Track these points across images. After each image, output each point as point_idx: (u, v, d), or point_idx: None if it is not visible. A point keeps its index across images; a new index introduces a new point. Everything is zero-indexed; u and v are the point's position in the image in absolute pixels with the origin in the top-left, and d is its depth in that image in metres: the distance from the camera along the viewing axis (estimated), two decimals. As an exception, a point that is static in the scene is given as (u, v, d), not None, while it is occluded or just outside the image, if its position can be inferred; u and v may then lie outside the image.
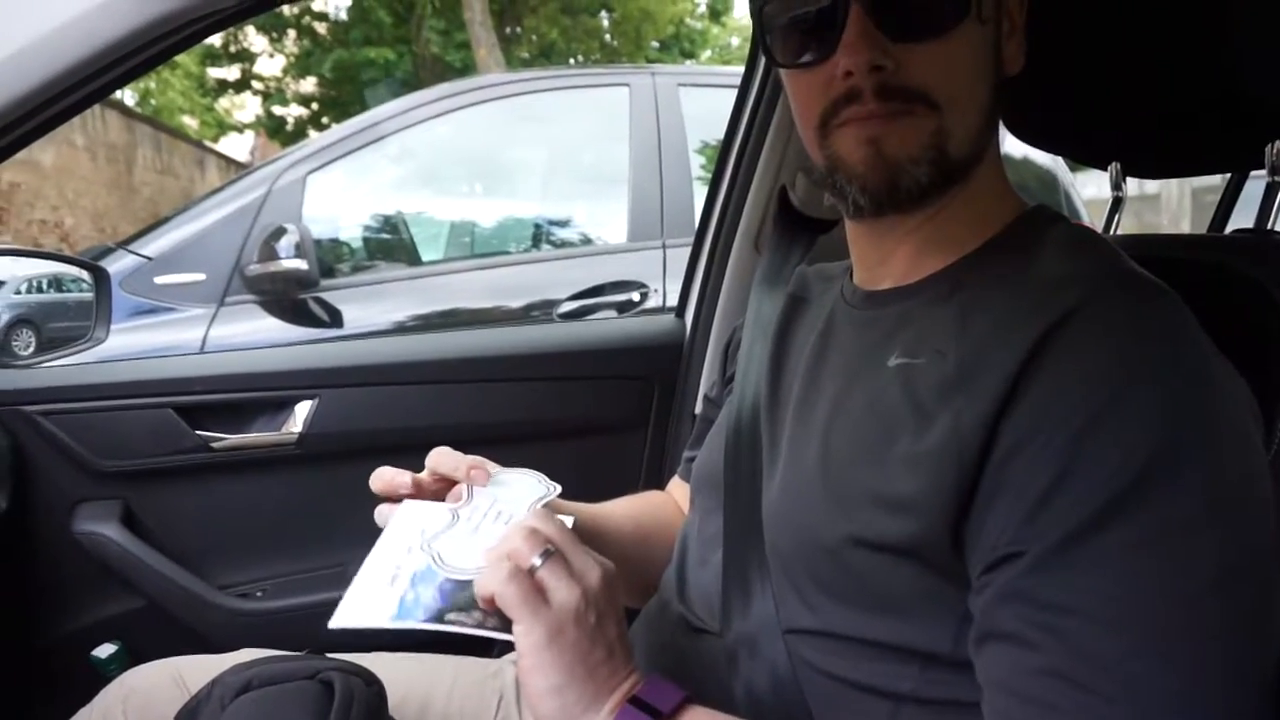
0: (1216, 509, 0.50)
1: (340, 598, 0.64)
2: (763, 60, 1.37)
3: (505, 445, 1.06)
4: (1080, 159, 0.89)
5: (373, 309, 2.70)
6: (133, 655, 1.23)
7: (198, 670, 0.91)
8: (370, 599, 0.62)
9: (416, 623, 0.60)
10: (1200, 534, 0.49)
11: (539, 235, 3.22)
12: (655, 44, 12.45)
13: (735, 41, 12.98)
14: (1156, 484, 0.49)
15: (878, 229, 0.70)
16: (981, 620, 0.54)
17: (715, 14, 13.41)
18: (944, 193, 0.65)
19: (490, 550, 0.60)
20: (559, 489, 0.72)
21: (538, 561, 0.57)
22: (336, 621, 0.60)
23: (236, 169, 12.73)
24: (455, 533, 0.67)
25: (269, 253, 2.48)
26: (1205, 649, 0.48)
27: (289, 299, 2.55)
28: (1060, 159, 3.03)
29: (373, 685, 0.88)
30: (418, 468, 0.77)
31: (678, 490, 1.01)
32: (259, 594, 1.39)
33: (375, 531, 1.59)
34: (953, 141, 0.62)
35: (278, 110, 12.86)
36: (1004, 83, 0.67)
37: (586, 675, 0.56)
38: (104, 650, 1.25)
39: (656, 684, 0.59)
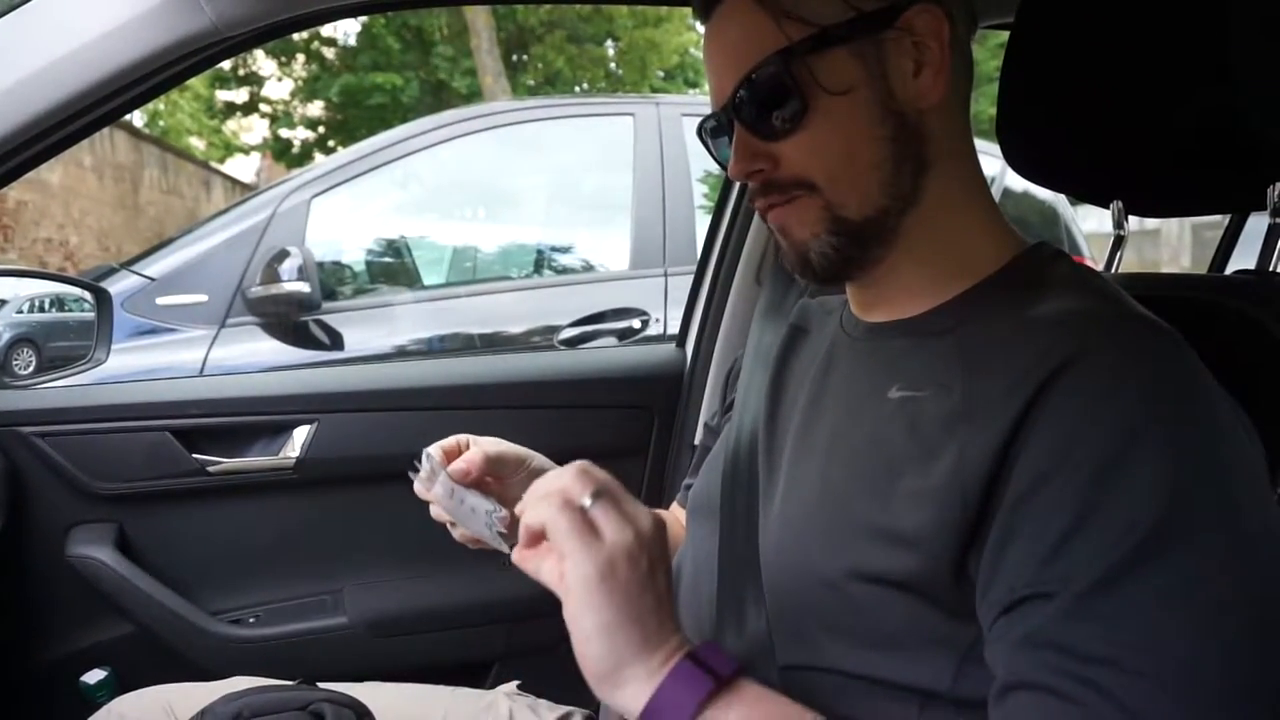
0: (1242, 552, 0.49)
1: (332, 626, 0.63)
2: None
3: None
4: (1082, 197, 0.90)
5: (374, 332, 2.71)
6: (122, 682, 1.21)
7: (187, 699, 0.90)
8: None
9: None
10: (1227, 579, 0.49)
11: (541, 261, 3.24)
12: (660, 74, 12.57)
13: (739, 72, 13.01)
14: (1182, 528, 0.49)
15: (851, 282, 0.72)
16: (1007, 669, 0.52)
17: (719, 45, 13.51)
18: (873, 250, 0.66)
19: (536, 486, 0.58)
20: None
21: (588, 501, 0.54)
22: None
23: (242, 190, 12.82)
24: None
25: (272, 275, 2.49)
26: (1245, 694, 0.47)
27: (291, 321, 2.56)
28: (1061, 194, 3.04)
29: (364, 717, 0.87)
30: (414, 495, 0.77)
31: (678, 514, 1.01)
32: (251, 620, 1.38)
33: (371, 559, 1.57)
34: (847, 209, 0.65)
35: (284, 133, 12.95)
36: (919, 118, 0.65)
37: (638, 619, 0.53)
38: (93, 676, 1.24)
39: (713, 648, 0.56)
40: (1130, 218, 0.87)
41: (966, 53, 0.68)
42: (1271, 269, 0.80)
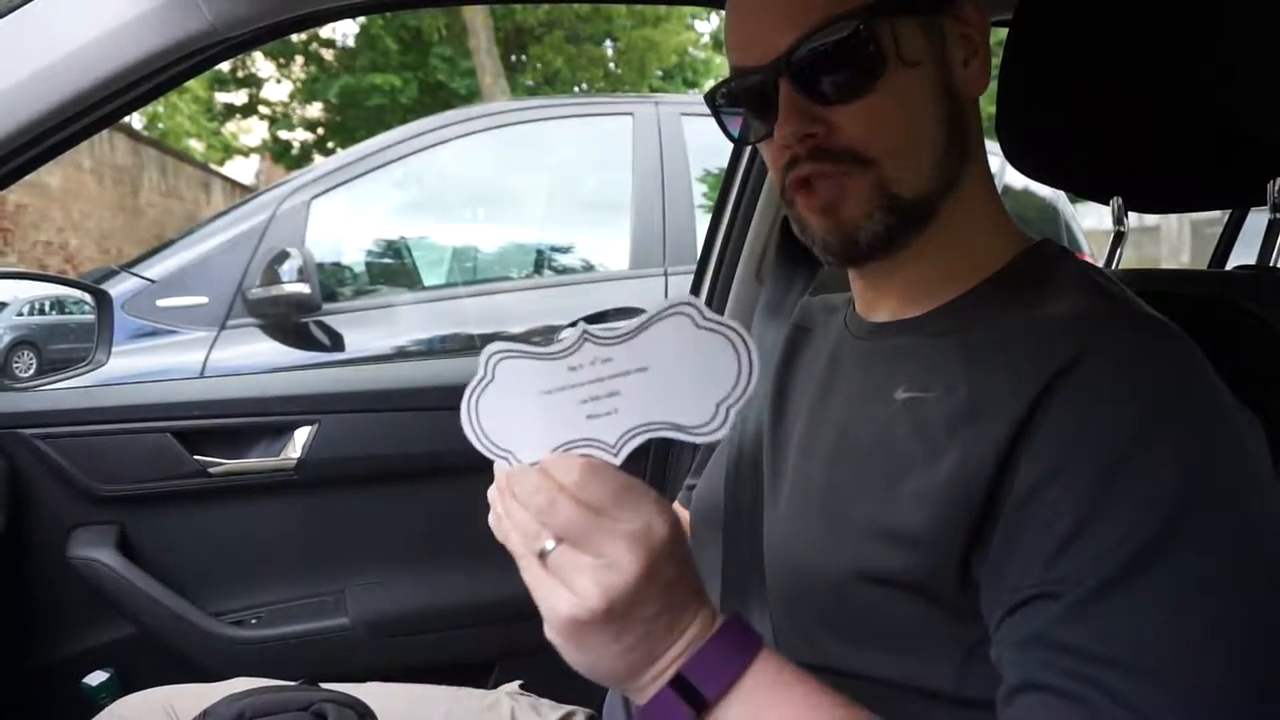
0: (1248, 551, 0.49)
1: (334, 627, 0.58)
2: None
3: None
4: (1082, 194, 0.90)
5: (375, 333, 2.71)
6: (124, 683, 1.21)
7: (189, 700, 0.90)
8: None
9: None
10: (1234, 578, 0.49)
11: (541, 261, 3.24)
12: (659, 73, 12.56)
13: (738, 71, 12.99)
14: (1188, 527, 0.49)
15: (868, 269, 0.70)
16: (1013, 670, 0.52)
17: (719, 44, 13.57)
18: (913, 233, 0.66)
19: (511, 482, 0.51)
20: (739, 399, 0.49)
21: (550, 545, 0.48)
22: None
23: (241, 192, 12.81)
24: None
25: (272, 276, 2.49)
26: (1251, 694, 0.47)
27: (291, 323, 2.56)
28: (1061, 191, 3.04)
29: (366, 717, 0.87)
30: (415, 495, 0.76)
31: (680, 513, 1.00)
32: (253, 621, 1.38)
33: (372, 560, 1.56)
34: (902, 186, 0.63)
35: (283, 135, 12.95)
36: (965, 106, 0.66)
37: (621, 655, 0.49)
38: (95, 678, 1.24)
39: (712, 653, 0.51)
40: (1130, 214, 0.87)
41: None
42: (1272, 264, 0.80)
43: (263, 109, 12.84)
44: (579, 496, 0.48)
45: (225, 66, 11.02)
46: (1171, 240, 11.37)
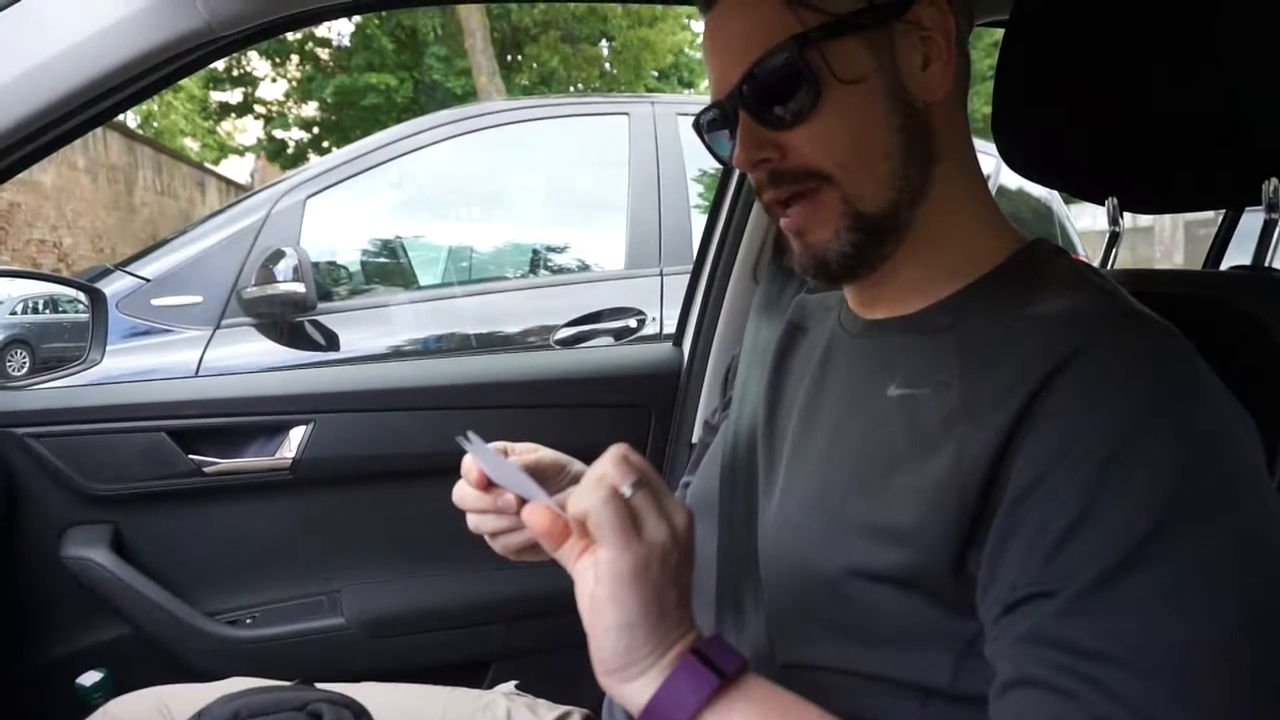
0: (1241, 548, 0.49)
1: (329, 627, 0.61)
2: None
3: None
4: (1077, 194, 0.90)
5: (370, 332, 2.71)
6: (118, 683, 1.21)
7: (184, 700, 0.90)
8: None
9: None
10: (1227, 574, 0.49)
11: (537, 261, 3.24)
12: (654, 73, 12.60)
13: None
14: (1182, 525, 0.49)
15: (863, 279, 0.71)
16: (1009, 665, 0.52)
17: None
18: (887, 245, 0.66)
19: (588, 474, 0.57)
20: None
21: (629, 490, 0.54)
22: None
23: (236, 191, 12.81)
24: None
25: (267, 276, 2.48)
26: (1243, 692, 0.47)
27: (286, 322, 2.55)
28: (1055, 191, 3.06)
29: (362, 717, 0.87)
30: (410, 495, 0.76)
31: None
32: (248, 621, 1.38)
33: (368, 560, 1.56)
34: (864, 201, 0.64)
35: (279, 134, 12.95)
36: (927, 111, 0.65)
37: (658, 618, 0.53)
38: (89, 678, 1.24)
39: (719, 644, 0.55)
40: (1124, 214, 0.87)
41: (965, 51, 0.68)
42: (1267, 264, 0.80)
43: (258, 108, 12.85)
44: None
45: (220, 65, 11.01)
46: (1165, 240, 11.41)
